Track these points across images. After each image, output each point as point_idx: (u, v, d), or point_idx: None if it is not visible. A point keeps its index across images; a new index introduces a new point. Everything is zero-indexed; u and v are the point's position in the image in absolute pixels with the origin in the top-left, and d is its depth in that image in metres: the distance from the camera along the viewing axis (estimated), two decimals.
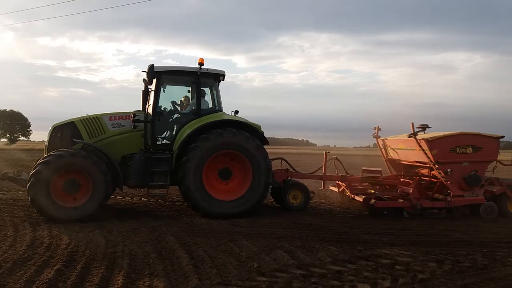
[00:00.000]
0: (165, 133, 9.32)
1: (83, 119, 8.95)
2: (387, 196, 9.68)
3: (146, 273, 4.94)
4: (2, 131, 73.20)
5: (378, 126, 11.47)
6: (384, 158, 11.56)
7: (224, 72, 9.63)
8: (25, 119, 72.16)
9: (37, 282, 4.44)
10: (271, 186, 9.55)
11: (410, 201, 9.15)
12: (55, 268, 4.92)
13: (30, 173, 7.89)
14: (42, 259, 5.35)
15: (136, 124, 8.82)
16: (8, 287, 4.31)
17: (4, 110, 72.89)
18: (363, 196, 9.47)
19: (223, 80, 9.71)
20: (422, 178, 10.03)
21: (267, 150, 9.18)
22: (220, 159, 8.90)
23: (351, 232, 7.60)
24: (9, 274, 4.76)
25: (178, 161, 8.59)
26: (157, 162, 8.69)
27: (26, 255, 5.52)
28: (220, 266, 5.25)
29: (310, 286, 4.65)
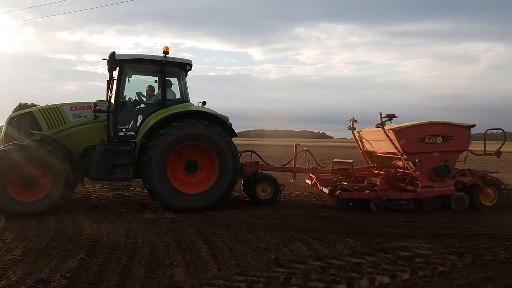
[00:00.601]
0: (129, 124, 9.02)
1: (42, 109, 8.63)
2: (356, 188, 9.52)
3: (166, 263, 5.03)
4: None
5: (353, 118, 11.26)
6: (361, 150, 11.41)
7: (191, 61, 9.26)
8: None
9: (61, 271, 4.56)
10: (241, 178, 9.32)
11: (376, 192, 8.94)
12: (78, 257, 5.04)
13: None
14: (65, 248, 5.49)
15: (97, 114, 8.49)
16: (34, 276, 4.44)
17: (25, 104, 74.57)
18: (329, 188, 9.32)
19: (190, 70, 9.35)
20: (398, 170, 9.80)
21: (283, 142, 9.11)
22: (185, 152, 8.63)
23: (369, 224, 7.56)
24: (34, 263, 4.91)
25: (141, 153, 8.31)
26: (120, 154, 8.40)
27: (50, 244, 5.68)
28: (238, 257, 5.30)
29: (328, 277, 4.65)
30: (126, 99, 8.97)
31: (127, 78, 8.97)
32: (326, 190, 9.39)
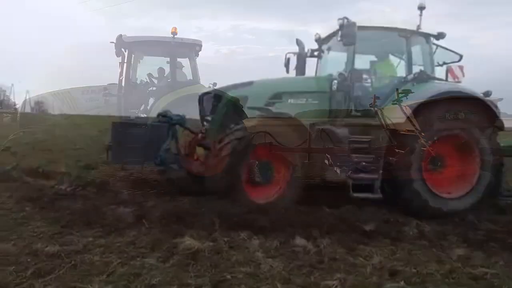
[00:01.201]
0: (140, 106, 8.96)
1: (55, 93, 8.73)
2: (373, 167, 8.84)
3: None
4: None
5: (374, 95, 10.43)
6: (384, 128, 10.60)
7: (200, 42, 9.08)
8: None
9: (136, 243, 5.02)
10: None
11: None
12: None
13: None
14: (138, 225, 5.79)
15: (107, 98, 8.50)
16: (113, 248, 4.89)
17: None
18: (342, 167, 8.68)
19: (200, 50, 9.11)
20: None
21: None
22: None
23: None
24: (115, 238, 5.30)
25: (153, 135, 7.92)
26: (132, 137, 8.03)
27: (126, 222, 5.94)
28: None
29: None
30: (138, 81, 8.99)
31: (138, 60, 8.97)
32: (338, 171, 9.08)
